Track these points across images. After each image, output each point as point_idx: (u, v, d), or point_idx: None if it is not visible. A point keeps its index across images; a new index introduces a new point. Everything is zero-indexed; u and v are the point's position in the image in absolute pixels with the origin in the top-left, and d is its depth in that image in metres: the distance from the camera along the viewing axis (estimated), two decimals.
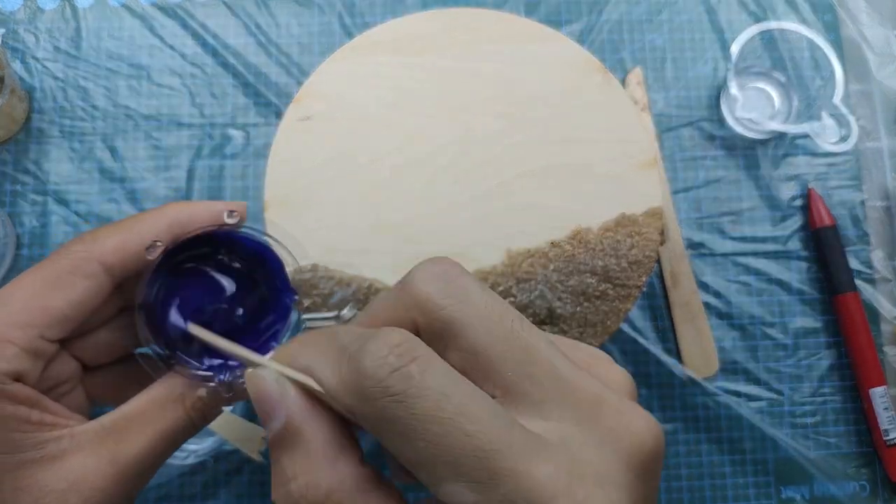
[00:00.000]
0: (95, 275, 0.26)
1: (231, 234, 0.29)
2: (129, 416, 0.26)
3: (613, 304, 0.38)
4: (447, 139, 0.40)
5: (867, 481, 0.47)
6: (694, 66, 0.52)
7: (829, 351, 0.49)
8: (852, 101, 0.52)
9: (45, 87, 0.50)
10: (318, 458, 0.19)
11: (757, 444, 0.47)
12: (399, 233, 0.39)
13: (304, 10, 0.52)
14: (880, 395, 0.46)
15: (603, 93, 0.40)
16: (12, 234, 0.47)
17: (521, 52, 0.41)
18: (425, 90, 0.40)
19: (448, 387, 0.18)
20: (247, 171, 0.49)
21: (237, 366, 0.27)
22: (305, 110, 0.40)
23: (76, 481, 0.24)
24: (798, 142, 0.51)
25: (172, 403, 0.26)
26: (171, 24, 0.51)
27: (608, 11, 0.53)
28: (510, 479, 0.17)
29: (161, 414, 0.26)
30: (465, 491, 0.17)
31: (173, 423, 0.26)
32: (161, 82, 0.51)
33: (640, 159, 0.40)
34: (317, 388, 0.20)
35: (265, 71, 0.51)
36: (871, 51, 0.52)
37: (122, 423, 0.26)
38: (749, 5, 0.53)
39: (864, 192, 0.51)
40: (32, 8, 0.51)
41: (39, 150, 0.49)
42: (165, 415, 0.26)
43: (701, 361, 0.48)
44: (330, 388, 0.19)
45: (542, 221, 0.39)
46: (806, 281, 0.50)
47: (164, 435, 0.26)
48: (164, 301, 0.28)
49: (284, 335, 0.30)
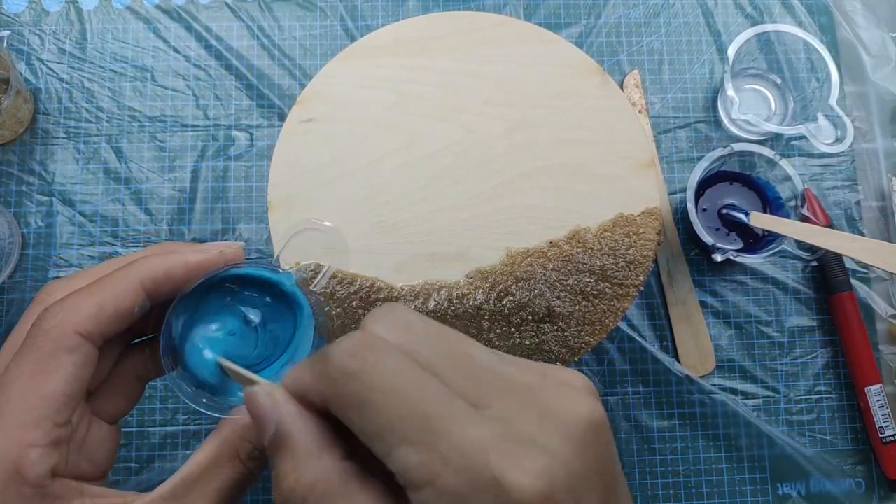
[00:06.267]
0: (78, 346, 0.25)
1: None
2: (187, 480, 0.26)
3: (611, 302, 0.39)
4: (447, 140, 0.40)
5: (863, 478, 0.47)
6: (691, 69, 0.53)
7: (825, 349, 0.49)
8: (848, 103, 0.53)
9: (50, 89, 0.51)
10: (303, 456, 0.21)
11: (753, 442, 0.47)
12: (400, 233, 0.39)
13: (307, 13, 0.53)
14: (875, 393, 0.47)
15: (601, 95, 0.41)
16: (18, 234, 0.48)
17: (520, 55, 0.41)
18: (426, 92, 0.41)
19: (397, 366, 0.20)
20: (250, 172, 0.50)
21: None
22: (308, 112, 0.40)
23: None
24: (794, 143, 0.52)
25: (228, 459, 0.26)
26: (176, 26, 0.52)
27: (606, 14, 0.53)
28: (447, 439, 0.19)
29: (219, 472, 0.26)
30: (410, 452, 0.19)
31: (232, 478, 0.26)
32: (165, 84, 0.51)
33: (637, 160, 0.40)
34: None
35: (268, 73, 0.51)
36: (867, 53, 0.53)
37: (182, 490, 0.26)
38: (745, 8, 0.54)
39: (859, 192, 0.51)
40: (37, 10, 0.52)
41: (45, 151, 0.50)
42: (223, 472, 0.26)
43: (697, 359, 0.48)
44: (308, 384, 0.22)
45: (540, 221, 0.39)
46: (801, 280, 0.50)
47: (225, 492, 0.26)
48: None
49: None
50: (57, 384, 0.24)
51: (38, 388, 0.24)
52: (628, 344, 0.48)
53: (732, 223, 0.48)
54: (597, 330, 0.39)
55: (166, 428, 0.46)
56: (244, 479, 0.27)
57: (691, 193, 0.46)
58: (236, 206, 0.49)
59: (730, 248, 0.46)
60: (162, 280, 0.27)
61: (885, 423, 0.46)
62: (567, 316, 0.38)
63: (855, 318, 0.48)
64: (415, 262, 0.39)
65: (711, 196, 0.49)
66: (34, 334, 0.25)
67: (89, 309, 0.25)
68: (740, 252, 0.46)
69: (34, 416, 0.24)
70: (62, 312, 0.25)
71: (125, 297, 0.26)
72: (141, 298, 0.26)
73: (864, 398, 0.47)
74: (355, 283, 0.38)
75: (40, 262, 0.48)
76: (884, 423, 0.46)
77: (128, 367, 0.29)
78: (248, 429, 0.27)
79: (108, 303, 0.26)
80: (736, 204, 0.49)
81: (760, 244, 0.48)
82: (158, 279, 0.27)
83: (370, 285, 0.38)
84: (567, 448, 0.20)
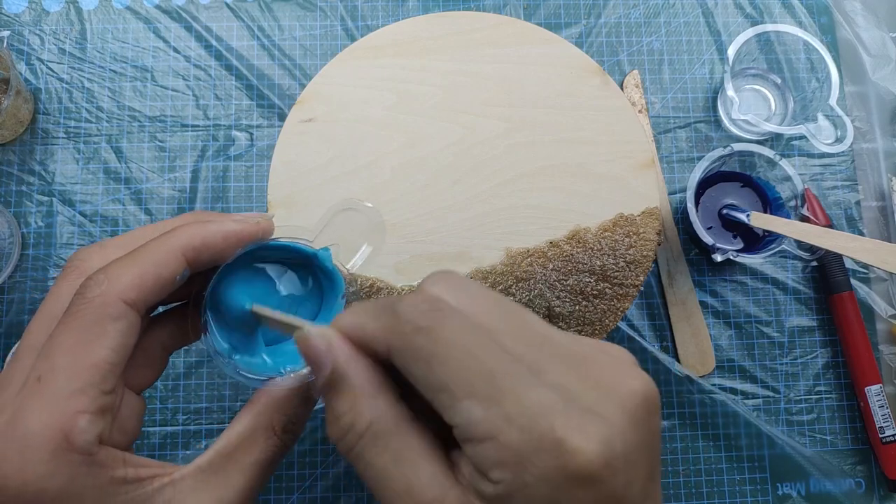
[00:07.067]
0: (123, 314, 0.25)
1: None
2: (224, 453, 0.26)
3: (611, 302, 0.39)
4: (447, 140, 0.40)
5: (863, 478, 0.47)
6: (691, 69, 0.53)
7: (825, 349, 0.49)
8: (848, 103, 0.53)
9: (50, 89, 0.51)
10: (360, 395, 0.22)
11: (753, 441, 0.47)
12: (400, 232, 0.39)
13: (307, 13, 0.53)
14: (875, 393, 0.47)
15: (601, 95, 0.41)
16: (18, 234, 0.48)
17: (520, 55, 0.41)
18: (426, 92, 0.41)
19: (464, 325, 0.21)
20: (250, 172, 0.50)
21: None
22: (308, 112, 0.40)
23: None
24: (794, 143, 0.52)
25: (263, 431, 0.27)
26: (176, 26, 0.52)
27: (606, 15, 0.53)
28: (513, 398, 0.20)
29: (255, 445, 0.26)
30: (474, 407, 0.20)
31: (268, 451, 0.26)
32: (165, 84, 0.51)
33: (637, 160, 0.40)
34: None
35: (268, 73, 0.51)
36: (867, 53, 0.53)
37: (219, 462, 0.26)
38: (745, 8, 0.54)
39: (859, 192, 0.51)
40: (37, 10, 0.52)
41: (45, 150, 0.50)
42: (259, 445, 0.26)
43: (697, 359, 0.48)
44: (372, 333, 0.23)
45: (541, 221, 0.39)
46: (801, 280, 0.50)
47: (262, 465, 0.26)
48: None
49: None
50: (103, 352, 0.24)
51: (85, 356, 0.24)
52: (628, 344, 0.48)
53: (732, 223, 0.48)
54: (597, 330, 0.39)
55: (166, 428, 0.46)
56: (279, 452, 0.27)
57: (691, 193, 0.46)
58: (236, 207, 0.49)
59: (730, 248, 0.46)
60: (201, 249, 0.27)
61: (885, 423, 0.46)
62: (567, 316, 0.38)
63: (855, 318, 0.48)
64: (415, 262, 0.39)
65: (711, 196, 0.49)
66: (78, 302, 0.25)
67: (132, 278, 0.25)
68: (740, 252, 0.46)
69: (82, 384, 0.24)
70: (106, 281, 0.25)
71: (167, 266, 0.26)
72: (182, 267, 0.26)
73: (864, 398, 0.47)
74: (355, 284, 0.38)
75: (40, 262, 0.48)
76: (884, 423, 0.46)
77: (154, 337, 0.29)
78: (283, 400, 0.27)
79: (150, 271, 0.26)
80: (736, 204, 0.49)
81: (760, 244, 0.48)
82: (198, 248, 0.27)
83: (370, 285, 0.38)
84: (624, 419, 0.20)
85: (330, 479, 0.46)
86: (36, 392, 0.23)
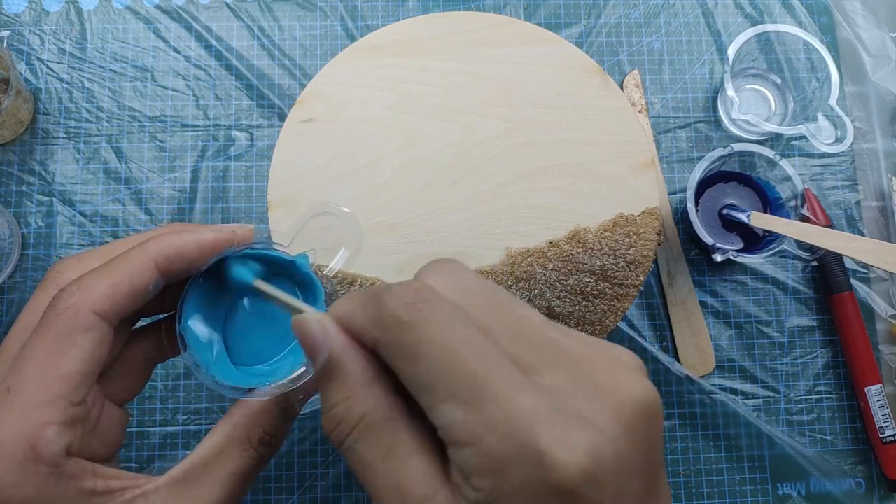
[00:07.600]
0: (94, 325, 0.25)
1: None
2: (198, 465, 0.26)
3: (611, 302, 0.39)
4: (447, 140, 0.40)
5: (863, 478, 0.47)
6: (691, 69, 0.53)
7: (825, 349, 0.49)
8: (848, 103, 0.53)
9: (50, 89, 0.51)
10: (354, 385, 0.22)
11: (753, 442, 0.47)
12: (400, 233, 0.39)
13: (307, 13, 0.53)
14: (876, 393, 0.47)
15: (601, 95, 0.41)
16: (18, 234, 0.48)
17: (520, 55, 0.41)
18: (426, 92, 0.41)
19: (449, 322, 0.20)
20: (250, 172, 0.50)
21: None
22: (308, 112, 0.40)
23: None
24: (794, 143, 0.52)
25: (239, 444, 0.26)
26: (176, 26, 0.52)
27: (606, 15, 0.53)
28: (494, 403, 0.19)
29: (229, 458, 0.26)
30: (455, 410, 0.19)
31: (243, 463, 0.26)
32: (165, 84, 0.51)
33: (637, 160, 0.40)
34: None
35: (268, 73, 0.51)
36: (867, 53, 0.53)
37: (193, 474, 0.26)
38: (745, 8, 0.54)
39: (859, 192, 0.51)
40: (37, 10, 0.52)
41: (45, 150, 0.50)
42: (234, 457, 0.26)
43: (697, 359, 0.48)
44: (360, 323, 0.22)
45: (541, 221, 0.39)
46: (801, 280, 0.50)
47: (237, 478, 0.26)
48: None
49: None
50: (73, 363, 0.24)
51: (54, 368, 0.24)
52: (628, 344, 0.48)
53: (732, 223, 0.48)
54: (597, 330, 0.39)
55: (166, 428, 0.46)
56: (255, 465, 0.27)
57: (691, 193, 0.46)
58: (236, 206, 0.49)
59: (730, 248, 0.46)
60: (175, 258, 0.27)
61: (885, 423, 0.46)
62: (567, 316, 0.38)
63: (855, 318, 0.48)
64: (415, 262, 0.39)
65: (711, 196, 0.49)
66: (50, 314, 0.25)
67: (105, 288, 0.25)
68: (740, 252, 0.46)
69: (51, 395, 0.24)
70: (78, 292, 0.25)
71: (140, 276, 0.26)
72: (155, 277, 0.26)
73: (864, 398, 0.47)
74: (355, 284, 0.38)
75: (40, 262, 0.48)
76: (884, 423, 0.46)
77: (136, 350, 0.29)
78: (260, 413, 0.27)
79: (123, 282, 0.25)
80: (736, 204, 0.49)
81: (760, 244, 0.48)
82: (172, 257, 0.27)
83: (370, 285, 0.38)
84: (617, 428, 0.19)
85: (330, 479, 0.46)
86: (5, 403, 0.23)
